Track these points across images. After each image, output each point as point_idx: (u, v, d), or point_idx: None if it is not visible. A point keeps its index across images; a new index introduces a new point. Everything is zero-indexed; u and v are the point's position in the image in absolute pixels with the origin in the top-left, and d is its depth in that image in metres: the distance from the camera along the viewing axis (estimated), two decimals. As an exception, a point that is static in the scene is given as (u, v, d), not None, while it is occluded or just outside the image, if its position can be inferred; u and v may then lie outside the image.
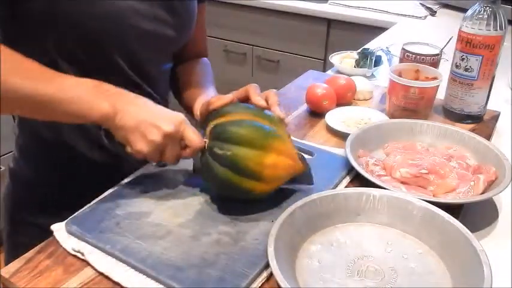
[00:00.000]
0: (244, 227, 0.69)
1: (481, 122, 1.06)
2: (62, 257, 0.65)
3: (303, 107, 1.11)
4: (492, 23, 0.96)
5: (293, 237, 0.66)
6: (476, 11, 0.98)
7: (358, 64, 1.34)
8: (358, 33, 2.02)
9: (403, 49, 1.16)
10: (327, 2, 2.19)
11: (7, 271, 0.63)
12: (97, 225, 0.68)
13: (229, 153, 0.67)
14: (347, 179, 0.83)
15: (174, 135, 0.69)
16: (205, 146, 0.71)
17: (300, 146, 0.89)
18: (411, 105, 1.02)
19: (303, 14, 2.17)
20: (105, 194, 0.76)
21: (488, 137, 0.99)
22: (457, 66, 1.03)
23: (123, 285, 0.61)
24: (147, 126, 0.67)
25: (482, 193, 0.78)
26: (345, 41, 2.02)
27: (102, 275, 0.62)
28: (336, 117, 1.03)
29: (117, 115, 0.67)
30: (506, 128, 1.09)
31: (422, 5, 2.18)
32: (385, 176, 0.82)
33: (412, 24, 1.97)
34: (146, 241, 0.66)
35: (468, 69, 1.01)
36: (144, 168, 0.82)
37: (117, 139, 0.70)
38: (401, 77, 1.03)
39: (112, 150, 0.84)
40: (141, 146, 0.68)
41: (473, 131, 0.96)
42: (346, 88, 1.12)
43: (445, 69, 1.10)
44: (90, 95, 0.67)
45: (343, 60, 1.38)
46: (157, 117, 0.68)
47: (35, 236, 0.68)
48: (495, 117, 1.09)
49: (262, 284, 0.62)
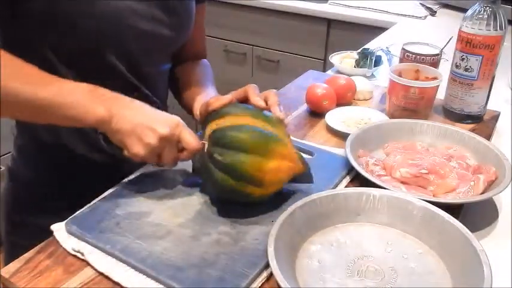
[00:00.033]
0: (244, 227, 0.69)
1: (481, 122, 1.06)
2: (62, 257, 0.65)
3: (303, 107, 1.11)
4: (492, 23, 0.96)
5: (293, 237, 0.66)
6: (476, 11, 0.98)
7: (358, 64, 1.34)
8: (358, 33, 2.02)
9: (403, 49, 1.16)
10: (327, 2, 2.19)
11: (7, 271, 0.63)
12: (97, 225, 0.68)
13: (230, 160, 0.67)
14: (347, 179, 0.83)
15: (170, 138, 0.69)
16: (205, 149, 0.70)
17: (300, 146, 0.89)
18: (411, 105, 1.02)
19: (303, 14, 2.17)
20: (105, 194, 0.76)
21: (488, 137, 0.99)
22: (457, 66, 1.03)
23: (123, 285, 0.61)
24: (143, 130, 0.68)
25: (482, 193, 0.78)
26: (345, 41, 2.02)
27: (102, 275, 0.62)
28: (336, 117, 1.03)
29: (113, 119, 0.68)
30: (506, 128, 1.09)
31: (422, 5, 2.18)
32: (385, 176, 0.82)
33: (412, 24, 1.97)
34: (146, 241, 0.66)
35: (468, 69, 1.01)
36: (144, 168, 0.82)
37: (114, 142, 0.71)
38: (401, 77, 1.03)
39: (110, 153, 0.84)
40: (138, 149, 0.68)
41: (473, 131, 0.96)
42: (346, 88, 1.12)
43: (445, 69, 1.10)
44: (87, 99, 0.68)
45: (343, 60, 1.38)
46: (153, 120, 0.69)
47: (35, 236, 0.68)
48: (495, 117, 1.09)
49: (262, 284, 0.62)
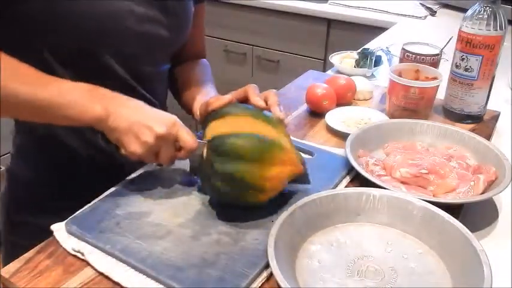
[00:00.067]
0: (244, 227, 0.69)
1: (481, 122, 1.06)
2: (62, 257, 0.65)
3: (303, 107, 1.11)
4: (492, 23, 0.96)
5: (293, 237, 0.66)
6: (476, 11, 0.98)
7: (358, 64, 1.34)
8: (358, 33, 2.02)
9: (403, 49, 1.16)
10: (327, 2, 2.19)
11: (7, 271, 0.63)
12: (97, 225, 0.68)
13: (231, 170, 0.66)
14: (347, 179, 0.83)
15: (167, 137, 0.69)
16: (204, 153, 0.70)
17: (300, 146, 0.89)
18: (411, 105, 1.02)
19: (303, 14, 2.17)
20: (105, 194, 0.76)
21: (488, 137, 0.99)
22: (457, 66, 1.03)
23: (123, 285, 0.61)
24: (140, 128, 0.68)
25: (482, 193, 0.78)
26: (345, 41, 2.02)
27: (102, 275, 0.62)
28: (336, 117, 1.03)
29: (109, 117, 0.68)
30: (506, 128, 1.09)
31: (422, 5, 2.18)
32: (385, 176, 0.82)
33: (412, 24, 1.97)
34: (146, 241, 0.66)
35: (468, 69, 1.01)
36: (144, 168, 0.82)
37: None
38: (401, 77, 1.03)
39: (110, 152, 0.84)
40: (135, 148, 0.68)
41: (473, 131, 0.96)
42: (346, 88, 1.12)
43: (445, 69, 1.10)
44: (84, 98, 0.68)
45: (343, 60, 1.38)
46: (149, 119, 0.69)
47: (35, 236, 0.68)
48: (495, 117, 1.09)
49: (262, 284, 0.62)
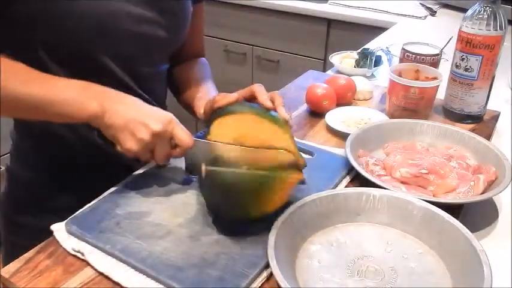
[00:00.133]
0: (244, 226, 0.69)
1: (481, 122, 1.06)
2: (62, 257, 0.65)
3: (303, 107, 1.11)
4: (492, 23, 0.96)
5: (293, 237, 0.66)
6: (476, 11, 0.98)
7: (358, 64, 1.34)
8: (358, 33, 2.02)
9: (403, 49, 1.16)
10: (327, 2, 2.19)
11: (7, 271, 0.63)
12: (97, 225, 0.68)
13: (234, 214, 0.67)
14: (347, 179, 0.83)
15: (163, 134, 0.70)
16: (203, 171, 0.66)
17: (300, 146, 0.89)
18: (411, 105, 1.02)
19: (303, 14, 2.17)
20: (105, 194, 0.76)
21: (488, 137, 0.99)
22: (457, 66, 1.03)
23: (123, 285, 0.61)
24: (136, 125, 0.68)
25: (482, 193, 0.78)
26: (345, 41, 2.02)
27: (102, 275, 0.62)
28: (336, 117, 1.03)
29: (105, 114, 0.68)
30: (506, 128, 1.09)
31: (422, 5, 2.18)
32: (385, 176, 0.82)
33: (412, 24, 1.97)
34: (146, 241, 0.66)
35: (468, 69, 1.01)
36: (143, 168, 0.82)
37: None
38: (401, 77, 1.03)
39: (110, 152, 0.84)
40: (130, 145, 0.69)
41: (473, 131, 0.96)
42: (346, 88, 1.12)
43: (445, 69, 1.10)
44: (80, 95, 0.69)
45: (343, 60, 1.38)
46: (146, 116, 0.69)
47: (35, 236, 0.68)
48: (495, 117, 1.09)
49: (262, 284, 0.62)
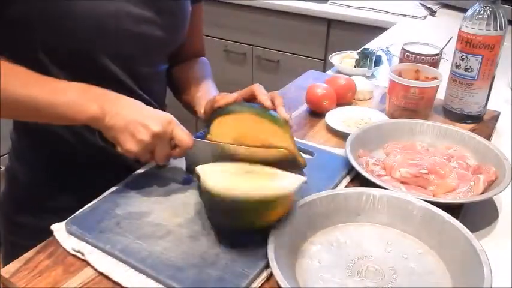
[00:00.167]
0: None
1: (481, 122, 1.06)
2: (62, 257, 0.65)
3: (303, 107, 1.11)
4: (492, 23, 0.96)
5: (293, 237, 0.66)
6: (476, 11, 0.98)
7: (358, 64, 1.34)
8: (358, 33, 2.02)
9: (403, 49, 1.16)
10: (327, 2, 2.19)
11: (7, 271, 0.63)
12: (97, 225, 0.68)
13: (235, 225, 0.66)
14: (347, 179, 0.83)
15: (163, 135, 0.70)
16: (201, 187, 0.66)
17: (300, 146, 0.89)
18: (411, 105, 1.02)
19: (303, 14, 2.17)
20: (105, 194, 0.76)
21: (488, 137, 0.99)
22: (457, 66, 1.03)
23: (123, 285, 0.61)
24: (136, 126, 0.68)
25: (482, 193, 0.78)
26: (345, 41, 2.02)
27: (102, 275, 0.62)
28: (336, 117, 1.03)
29: (106, 116, 0.69)
30: (506, 128, 1.09)
31: (422, 5, 2.18)
32: (385, 176, 0.82)
33: (412, 24, 1.97)
34: (146, 241, 0.66)
35: (468, 69, 1.01)
36: (143, 168, 0.82)
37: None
38: (401, 77, 1.03)
39: (110, 152, 0.84)
40: (131, 146, 0.69)
41: (473, 131, 0.96)
42: (346, 88, 1.12)
43: (445, 69, 1.10)
44: (80, 98, 0.69)
45: (343, 60, 1.38)
46: (145, 117, 0.69)
47: (35, 236, 0.68)
48: (495, 117, 1.09)
49: (262, 284, 0.62)
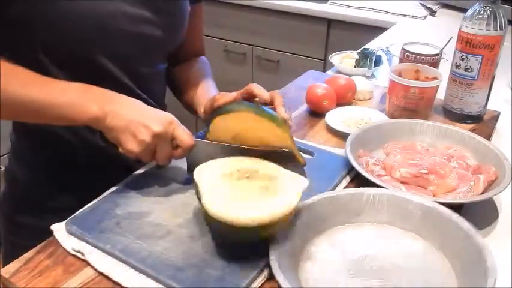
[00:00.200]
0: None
1: (481, 122, 1.06)
2: (62, 257, 0.65)
3: (303, 107, 1.11)
4: (492, 23, 0.96)
5: (293, 238, 0.66)
6: (476, 11, 0.98)
7: (358, 64, 1.34)
8: (358, 33, 2.02)
9: (403, 49, 1.16)
10: (327, 2, 2.19)
11: (7, 271, 0.63)
12: (97, 225, 0.68)
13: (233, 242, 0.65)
14: (347, 179, 0.83)
15: (164, 135, 0.70)
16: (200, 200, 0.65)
17: (300, 146, 0.89)
18: (411, 105, 1.02)
19: (303, 14, 2.17)
20: (105, 194, 0.76)
21: (488, 137, 0.99)
22: (457, 66, 1.03)
23: (123, 285, 0.61)
24: (137, 126, 0.68)
25: (482, 193, 0.78)
26: (345, 41, 2.02)
27: (102, 275, 0.62)
28: (336, 117, 1.03)
29: (107, 117, 0.69)
30: (506, 128, 1.09)
31: (422, 5, 2.18)
32: (385, 176, 0.82)
33: (412, 24, 1.97)
34: (146, 241, 0.66)
35: (468, 69, 1.01)
36: (143, 168, 0.82)
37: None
38: (401, 77, 1.03)
39: (110, 152, 0.84)
40: (132, 146, 0.69)
41: (473, 131, 0.96)
42: (346, 88, 1.12)
43: (445, 69, 1.10)
44: (80, 98, 0.69)
45: (343, 60, 1.38)
46: (146, 118, 0.69)
47: (35, 236, 0.68)
48: (495, 117, 1.09)
49: (262, 284, 0.62)
